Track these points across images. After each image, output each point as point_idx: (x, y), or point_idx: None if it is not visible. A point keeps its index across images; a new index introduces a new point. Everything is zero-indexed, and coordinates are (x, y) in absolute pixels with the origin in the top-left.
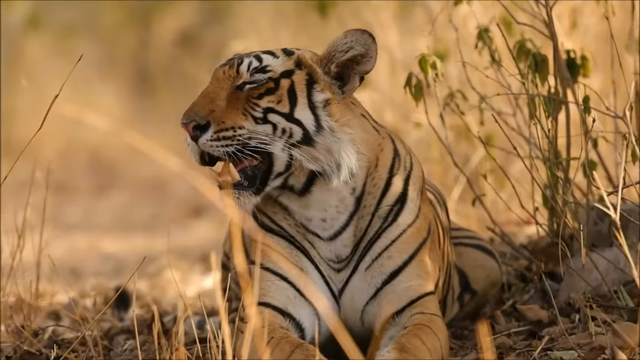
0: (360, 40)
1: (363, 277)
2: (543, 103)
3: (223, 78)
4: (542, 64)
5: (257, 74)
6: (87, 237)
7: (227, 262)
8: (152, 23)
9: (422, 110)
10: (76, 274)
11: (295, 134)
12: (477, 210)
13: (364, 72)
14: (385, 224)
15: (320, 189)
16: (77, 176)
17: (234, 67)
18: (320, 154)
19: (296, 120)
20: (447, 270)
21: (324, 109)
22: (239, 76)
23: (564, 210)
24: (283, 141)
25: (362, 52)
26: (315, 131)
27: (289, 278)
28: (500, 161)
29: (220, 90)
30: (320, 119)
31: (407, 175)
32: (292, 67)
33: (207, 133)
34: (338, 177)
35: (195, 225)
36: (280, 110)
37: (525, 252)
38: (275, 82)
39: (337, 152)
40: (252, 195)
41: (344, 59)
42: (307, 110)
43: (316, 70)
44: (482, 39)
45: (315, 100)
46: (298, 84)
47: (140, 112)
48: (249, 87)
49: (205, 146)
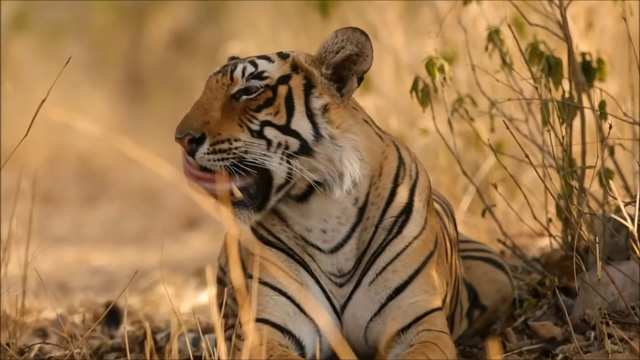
0: (352, 39)
1: (366, 292)
2: (557, 109)
3: (216, 87)
4: (555, 67)
5: (253, 80)
6: (75, 250)
7: (223, 276)
8: (144, 23)
9: (429, 116)
10: (64, 289)
11: (291, 146)
12: (487, 221)
13: (361, 72)
14: (389, 237)
15: (320, 198)
16: (65, 185)
17: (227, 75)
18: (320, 164)
19: (292, 132)
20: (455, 284)
21: (322, 116)
22: (233, 84)
23: (579, 221)
24: (279, 155)
25: (355, 52)
26: (314, 140)
27: (288, 293)
28: (511, 170)
29: (214, 100)
30: (319, 127)
31: (412, 185)
32: (289, 71)
33: (203, 146)
34: (340, 187)
35: (190, 238)
36: (277, 122)
37: (538, 266)
38: (273, 90)
39: (338, 161)
40: (253, 213)
41: (336, 60)
42: (304, 119)
43: (313, 73)
44: (492, 41)
45: (313, 107)
46: (295, 90)
47: (132, 117)
48: (245, 98)
49: (203, 160)
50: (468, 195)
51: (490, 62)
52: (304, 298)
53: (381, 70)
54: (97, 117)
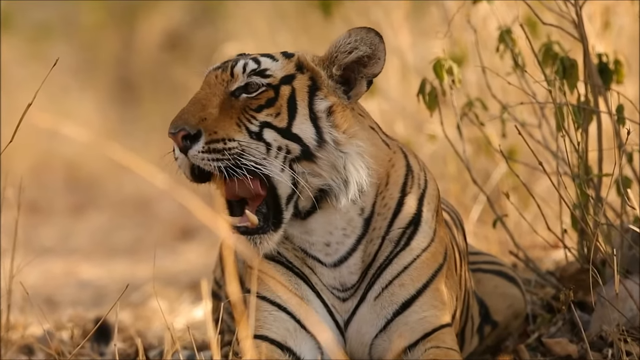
0: (366, 39)
1: (372, 307)
2: (572, 113)
3: (215, 83)
4: (570, 69)
5: (255, 77)
6: (63, 262)
7: (218, 290)
8: (136, 23)
9: (437, 121)
10: (51, 303)
11: (292, 151)
12: (499, 232)
13: (371, 75)
14: (397, 249)
15: (325, 210)
16: (52, 194)
17: (227, 71)
18: (323, 170)
19: (294, 136)
20: (465, 299)
21: (327, 119)
22: (233, 80)
23: (595, 232)
24: (280, 160)
25: (368, 53)
26: (317, 146)
27: (288, 308)
28: (524, 178)
29: (213, 96)
30: (322, 132)
31: (421, 194)
32: (293, 71)
33: (198, 144)
34: (346, 195)
35: (184, 249)
36: (278, 125)
37: (552, 279)
38: (275, 89)
39: (343, 168)
40: (272, 234)
41: (347, 61)
42: (307, 122)
43: (319, 73)
44: (504, 41)
45: (317, 109)
46: (299, 91)
47: (122, 123)
48: (246, 97)
49: (196, 159)
50: (478, 204)
51: (501, 64)
52: (304, 313)
53: (386, 72)
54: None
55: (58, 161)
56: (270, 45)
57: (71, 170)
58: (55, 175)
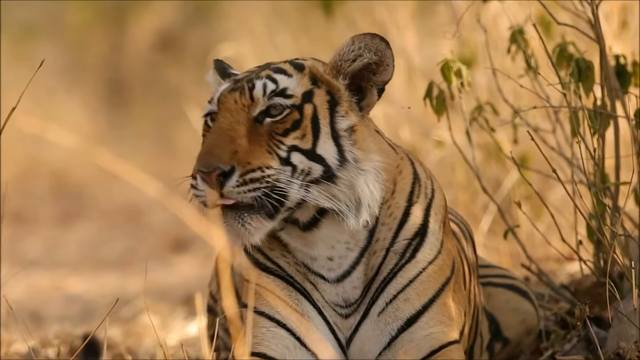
0: (371, 46)
1: (375, 324)
2: (588, 118)
3: (236, 109)
4: (586, 71)
5: (277, 98)
6: (49, 275)
7: (214, 304)
8: (126, 23)
9: (444, 126)
10: (37, 318)
11: (314, 172)
12: (510, 244)
13: (381, 82)
14: (402, 261)
15: (329, 224)
16: (38, 203)
17: (245, 94)
18: (340, 191)
19: (317, 157)
20: (474, 314)
21: (349, 138)
22: (254, 104)
23: (613, 244)
24: (300, 181)
25: (374, 60)
26: (339, 165)
27: (287, 324)
28: (537, 186)
29: (237, 125)
30: (344, 150)
31: (428, 204)
32: (310, 85)
33: (232, 179)
34: (356, 218)
35: (177, 261)
36: (304, 147)
37: (567, 294)
38: (299, 110)
39: (359, 187)
40: (265, 220)
41: (352, 69)
42: (330, 141)
43: (336, 86)
44: (515, 42)
45: (339, 127)
46: (320, 108)
47: (112, 128)
48: (270, 121)
49: (232, 193)
50: (488, 214)
51: (513, 66)
52: (305, 330)
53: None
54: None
55: (44, 168)
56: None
57: (58, 177)
58: (41, 183)
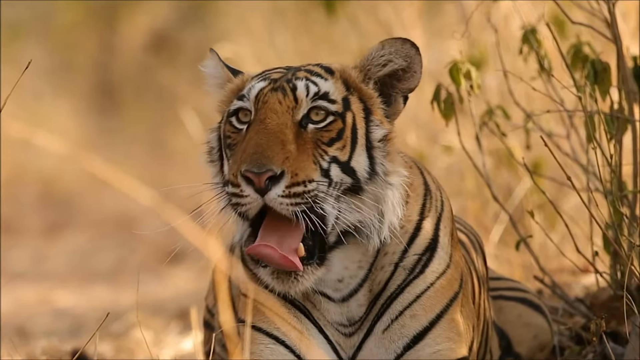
0: (401, 51)
1: (379, 341)
2: (604, 122)
3: (282, 111)
4: (602, 73)
5: (320, 101)
6: (37, 287)
7: (210, 319)
8: (117, 22)
9: (453, 131)
10: (23, 333)
11: (343, 185)
12: (522, 255)
13: (407, 90)
14: (410, 276)
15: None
16: (24, 212)
17: (289, 95)
18: (365, 204)
19: (350, 170)
20: (483, 329)
21: (382, 149)
22: (297, 106)
23: (630, 255)
24: (334, 195)
25: (403, 66)
26: (368, 178)
27: (286, 341)
28: (550, 194)
29: (285, 128)
30: (375, 162)
31: (438, 218)
32: (345, 91)
33: (279, 186)
34: (379, 235)
35: (172, 274)
36: (342, 159)
37: (582, 308)
38: (342, 118)
39: (384, 202)
40: (317, 268)
41: (381, 74)
42: (363, 153)
43: (370, 94)
44: (528, 42)
45: (373, 137)
46: (358, 116)
47: (102, 133)
48: (314, 128)
49: (274, 202)
50: (499, 224)
51: (525, 68)
52: (305, 348)
53: None
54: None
55: (31, 175)
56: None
57: (45, 185)
58: (28, 190)
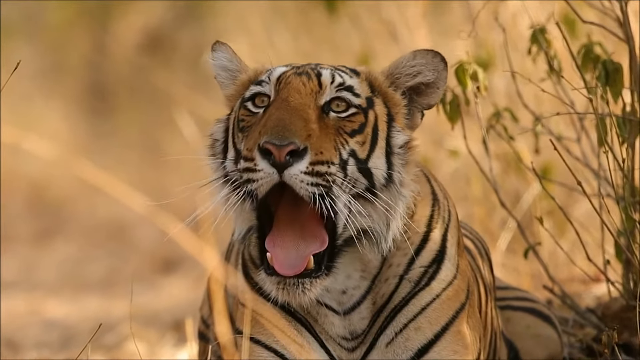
0: (431, 64)
1: (383, 355)
2: (616, 125)
3: (305, 93)
4: (614, 74)
5: (345, 92)
6: (26, 298)
7: (206, 330)
8: (110, 22)
9: (459, 135)
10: (12, 345)
11: (357, 186)
12: (531, 263)
13: (426, 105)
14: (416, 289)
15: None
16: (14, 219)
17: (313, 79)
18: (375, 212)
19: (367, 171)
20: (491, 340)
21: (402, 156)
22: (321, 91)
23: None
24: (347, 194)
25: (429, 80)
26: (383, 185)
27: (286, 355)
28: (560, 200)
29: (308, 108)
30: (393, 170)
31: (445, 228)
32: (369, 92)
33: (301, 163)
34: (382, 246)
35: (166, 283)
36: (360, 155)
37: (593, 318)
38: (365, 113)
39: (393, 212)
40: (324, 278)
41: (410, 85)
42: (382, 157)
43: (396, 101)
44: (536, 42)
45: (394, 143)
46: (380, 119)
47: (95, 137)
48: (336, 116)
49: (294, 179)
50: (507, 231)
51: (534, 68)
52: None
53: None
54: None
55: (20, 181)
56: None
57: (35, 191)
58: (17, 197)
